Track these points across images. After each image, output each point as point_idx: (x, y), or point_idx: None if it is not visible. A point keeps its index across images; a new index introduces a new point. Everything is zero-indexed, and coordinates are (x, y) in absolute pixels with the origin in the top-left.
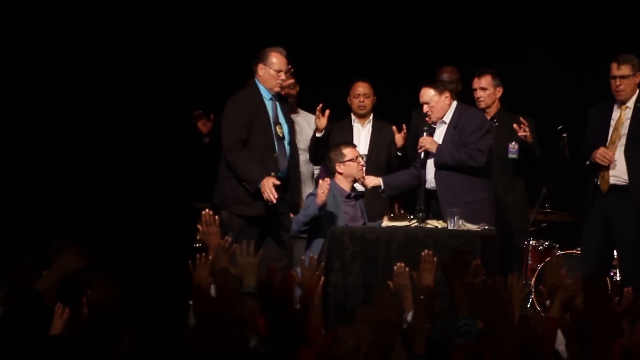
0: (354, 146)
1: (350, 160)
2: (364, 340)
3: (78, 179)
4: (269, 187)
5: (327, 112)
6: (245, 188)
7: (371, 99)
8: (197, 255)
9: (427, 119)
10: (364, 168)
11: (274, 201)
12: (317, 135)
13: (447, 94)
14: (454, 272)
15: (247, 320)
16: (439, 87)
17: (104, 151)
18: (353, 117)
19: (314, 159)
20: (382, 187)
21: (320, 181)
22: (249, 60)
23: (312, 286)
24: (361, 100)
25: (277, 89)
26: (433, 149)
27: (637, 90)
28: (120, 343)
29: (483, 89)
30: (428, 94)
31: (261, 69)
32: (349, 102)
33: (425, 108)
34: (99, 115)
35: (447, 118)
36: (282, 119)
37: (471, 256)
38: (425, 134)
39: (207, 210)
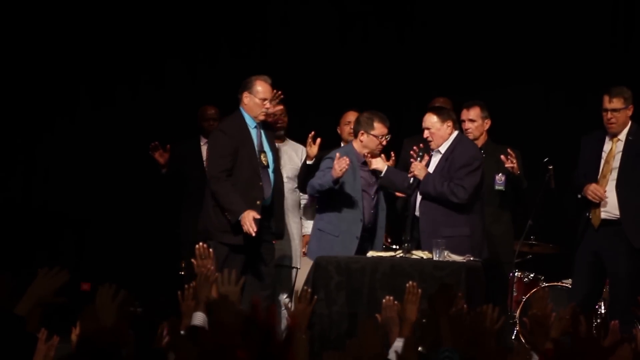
0: (387, 124)
1: (375, 136)
2: None
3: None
4: (249, 221)
5: (319, 140)
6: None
7: None
8: (186, 286)
9: (421, 144)
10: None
11: (253, 235)
12: (308, 162)
13: (450, 123)
14: (440, 305)
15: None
16: (443, 115)
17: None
18: (343, 145)
19: (303, 187)
20: (382, 174)
21: (338, 158)
22: (237, 89)
23: (301, 318)
24: (352, 127)
25: (262, 117)
26: (421, 177)
27: (629, 123)
28: None
29: (471, 120)
30: (431, 120)
31: (246, 97)
32: (339, 131)
33: (426, 134)
34: (85, 138)
35: (443, 148)
36: (266, 147)
37: (458, 290)
38: (419, 159)
39: (201, 244)
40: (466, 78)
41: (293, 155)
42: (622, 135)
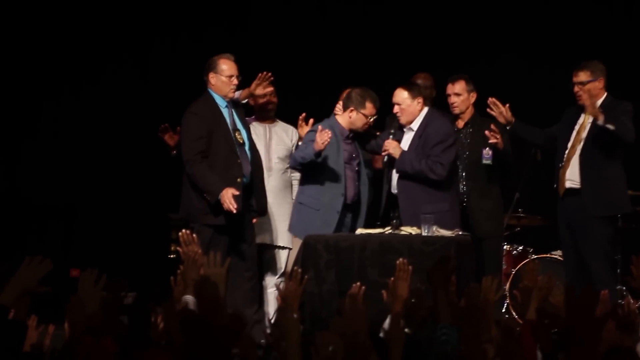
0: (378, 105)
1: (365, 115)
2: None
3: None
4: (228, 198)
5: (311, 121)
6: None
7: None
8: (178, 271)
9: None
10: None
11: (234, 211)
12: (300, 144)
13: (420, 100)
14: (438, 280)
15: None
16: (414, 90)
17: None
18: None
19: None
20: (396, 160)
21: (320, 131)
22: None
23: (292, 299)
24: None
25: (231, 95)
26: (396, 155)
27: (604, 95)
28: None
29: (457, 94)
30: (401, 96)
31: (212, 78)
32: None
33: (396, 109)
34: (70, 126)
35: (415, 125)
36: (239, 125)
37: (456, 263)
38: (391, 137)
39: (184, 230)
40: (451, 52)
41: (283, 136)
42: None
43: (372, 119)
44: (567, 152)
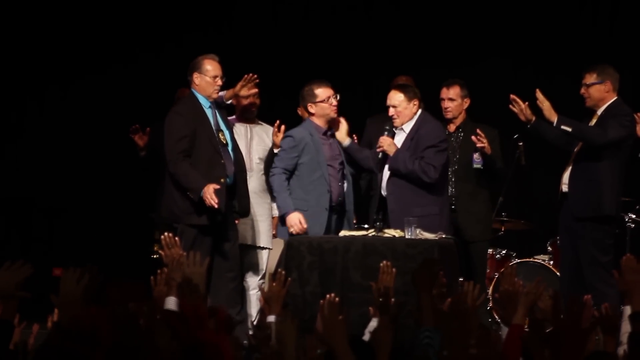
0: (328, 85)
1: (322, 101)
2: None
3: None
4: (209, 194)
5: (283, 127)
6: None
7: None
8: (158, 271)
9: (386, 127)
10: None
11: (216, 206)
12: (275, 151)
13: (416, 102)
14: (422, 283)
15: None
16: (409, 92)
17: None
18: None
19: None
20: (346, 145)
21: (292, 219)
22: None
23: (275, 301)
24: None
25: (215, 95)
26: (390, 152)
27: (612, 99)
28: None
29: (451, 99)
30: (397, 98)
31: (197, 78)
32: None
33: (392, 111)
34: (54, 125)
35: (408, 127)
36: (223, 126)
37: (441, 266)
38: (386, 133)
39: (166, 234)
40: (441, 54)
41: (264, 137)
42: (600, 111)
43: (332, 99)
44: (572, 155)
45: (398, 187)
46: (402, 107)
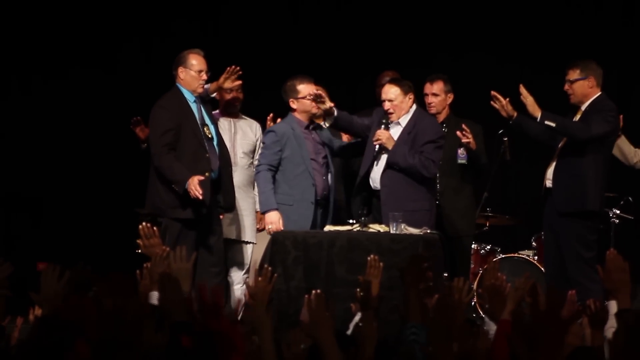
0: (310, 81)
1: (303, 97)
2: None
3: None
4: (193, 185)
5: (279, 120)
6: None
7: None
8: (144, 265)
9: (383, 120)
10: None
11: (200, 197)
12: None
13: (411, 96)
14: (410, 278)
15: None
16: (404, 86)
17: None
18: None
19: None
20: (334, 115)
21: (271, 216)
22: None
23: (261, 296)
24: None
25: (200, 90)
26: (389, 146)
27: (596, 94)
28: (74, 351)
29: (435, 94)
30: (394, 92)
31: (182, 72)
32: None
33: (387, 105)
34: (38, 118)
35: (404, 121)
36: (207, 120)
37: (429, 263)
38: (382, 127)
39: (144, 223)
40: (424, 50)
41: (248, 131)
42: (584, 107)
43: (315, 95)
44: (557, 151)
45: (393, 181)
46: (398, 100)
